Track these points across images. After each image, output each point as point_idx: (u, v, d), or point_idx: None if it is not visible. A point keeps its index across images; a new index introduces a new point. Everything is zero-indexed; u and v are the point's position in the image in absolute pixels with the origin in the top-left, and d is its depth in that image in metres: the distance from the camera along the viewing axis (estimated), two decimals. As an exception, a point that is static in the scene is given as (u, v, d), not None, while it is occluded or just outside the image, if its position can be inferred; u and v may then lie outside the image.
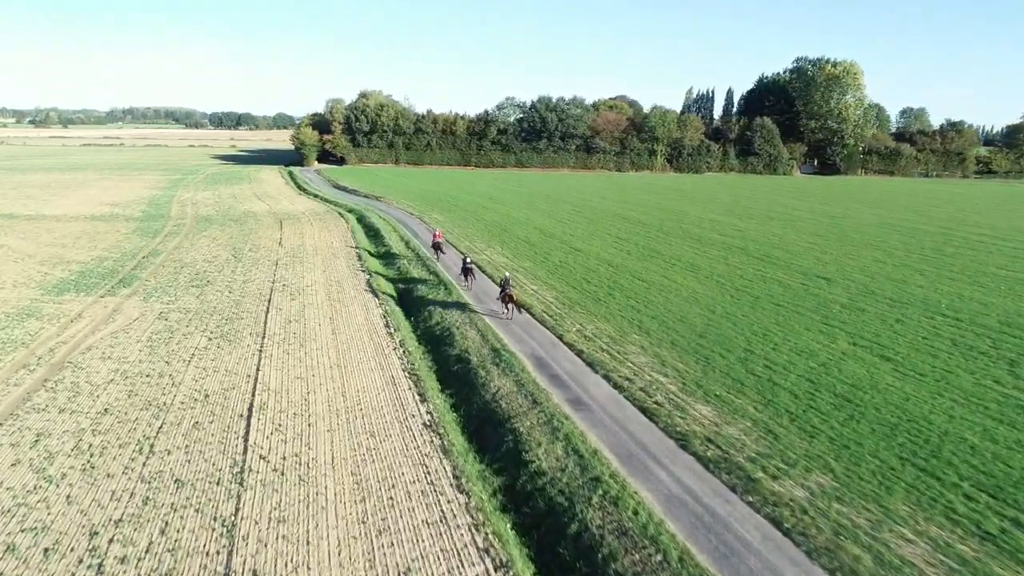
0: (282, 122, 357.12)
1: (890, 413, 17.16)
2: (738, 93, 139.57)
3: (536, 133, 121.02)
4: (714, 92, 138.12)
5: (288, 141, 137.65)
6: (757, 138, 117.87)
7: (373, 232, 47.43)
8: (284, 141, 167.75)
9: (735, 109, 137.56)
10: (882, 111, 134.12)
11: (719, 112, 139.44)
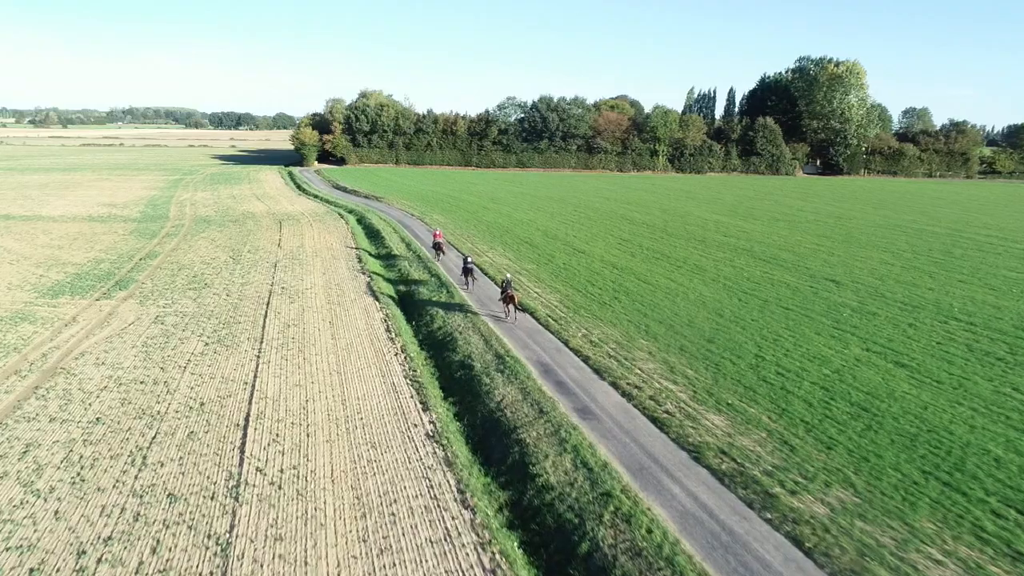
0: (282, 122, 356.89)
1: (909, 423, 16.58)
2: (740, 93, 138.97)
3: (537, 133, 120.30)
4: (716, 92, 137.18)
5: (288, 141, 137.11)
6: (759, 138, 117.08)
7: (373, 233, 46.87)
8: (284, 141, 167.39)
9: (737, 109, 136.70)
10: (884, 111, 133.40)
11: (720, 112, 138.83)
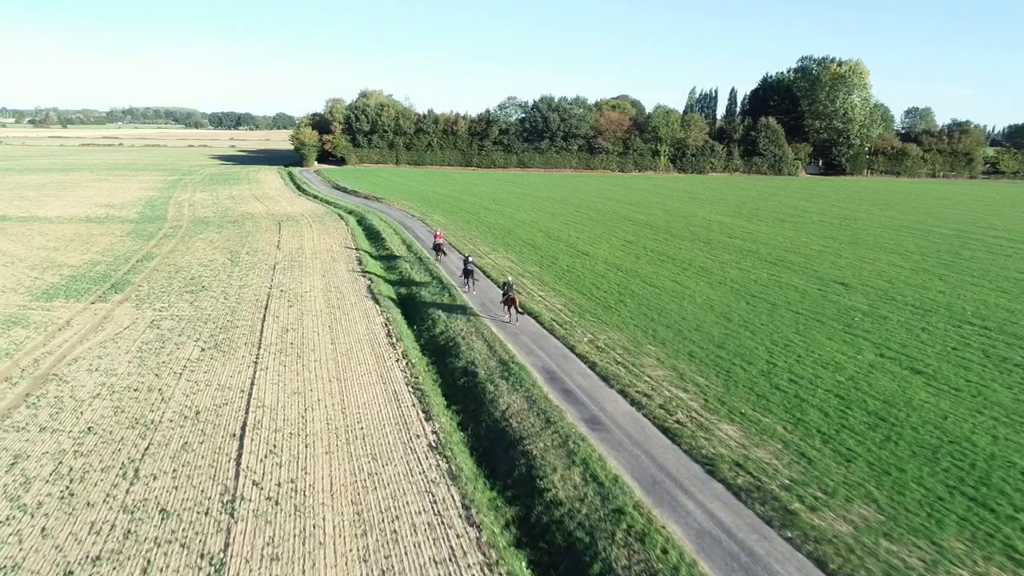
0: (282, 122, 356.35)
1: (929, 433, 16.00)
2: (741, 93, 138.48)
3: (538, 133, 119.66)
4: (717, 92, 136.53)
5: (288, 141, 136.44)
6: (762, 138, 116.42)
7: (373, 234, 46.29)
8: (284, 141, 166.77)
9: (738, 109, 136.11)
10: (886, 111, 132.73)
11: (722, 112, 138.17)
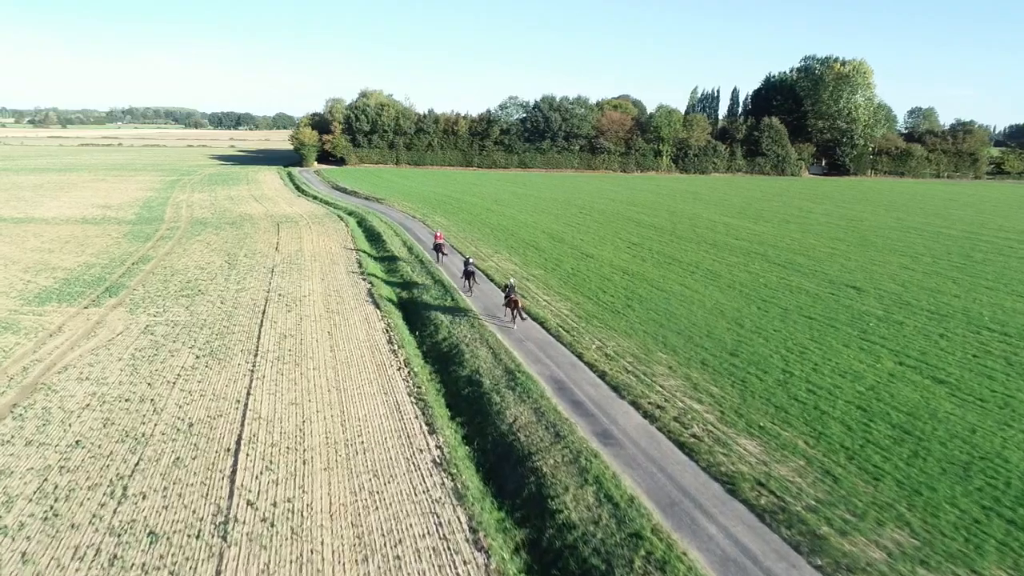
0: (282, 122, 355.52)
1: (958, 448, 15.24)
2: (743, 93, 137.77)
3: (539, 133, 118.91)
4: (719, 92, 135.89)
5: (287, 141, 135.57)
6: (765, 138, 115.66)
7: (374, 236, 45.52)
8: (283, 141, 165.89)
9: (741, 109, 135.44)
10: (889, 111, 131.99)
11: (724, 112, 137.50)
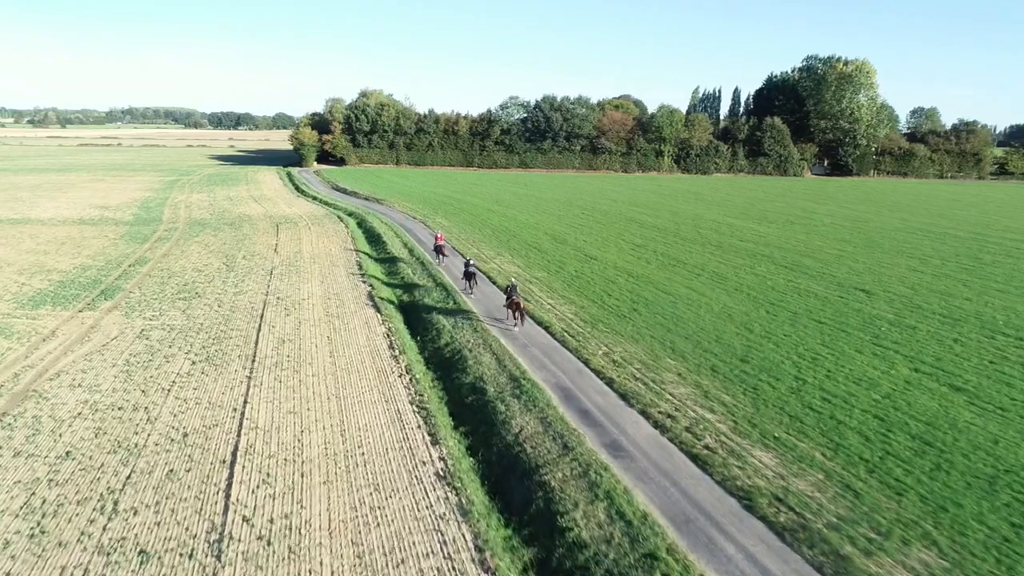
0: (282, 122, 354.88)
1: (981, 461, 14.67)
2: (744, 93, 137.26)
3: (540, 133, 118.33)
4: (721, 92, 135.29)
5: (287, 141, 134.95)
6: (767, 139, 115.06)
7: (374, 238, 44.95)
8: (283, 141, 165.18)
9: (742, 109, 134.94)
10: (891, 111, 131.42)
11: (725, 112, 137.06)
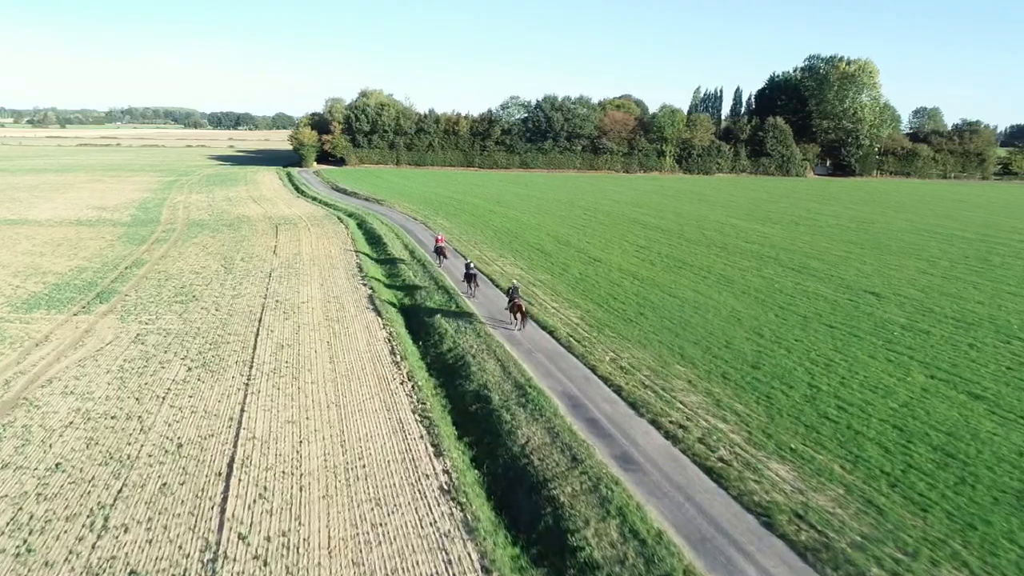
0: (281, 122, 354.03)
1: (1007, 474, 14.10)
2: (746, 93, 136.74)
3: (541, 133, 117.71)
4: (722, 92, 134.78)
5: (287, 141, 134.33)
6: (769, 139, 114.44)
7: (374, 239, 44.39)
8: (283, 141, 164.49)
9: (744, 109, 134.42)
10: (894, 111, 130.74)
11: (727, 112, 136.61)
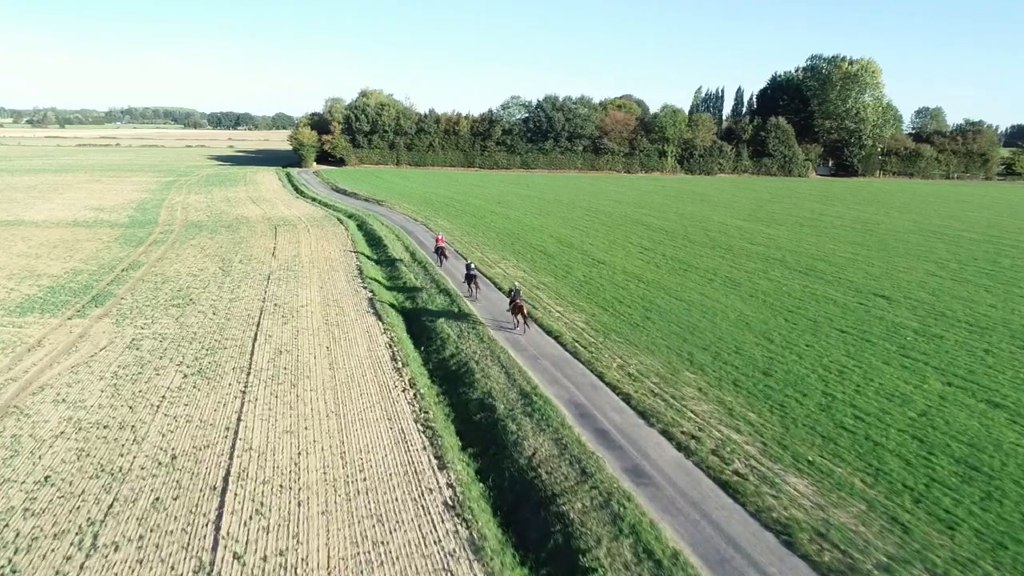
0: (281, 122, 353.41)
1: (1034, 488, 13.55)
2: (747, 93, 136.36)
3: (542, 133, 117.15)
4: (723, 92, 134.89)
5: (287, 141, 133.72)
6: (771, 139, 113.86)
7: (375, 241, 43.82)
8: (283, 141, 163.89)
9: (745, 109, 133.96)
10: (896, 111, 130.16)
11: (728, 112, 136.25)
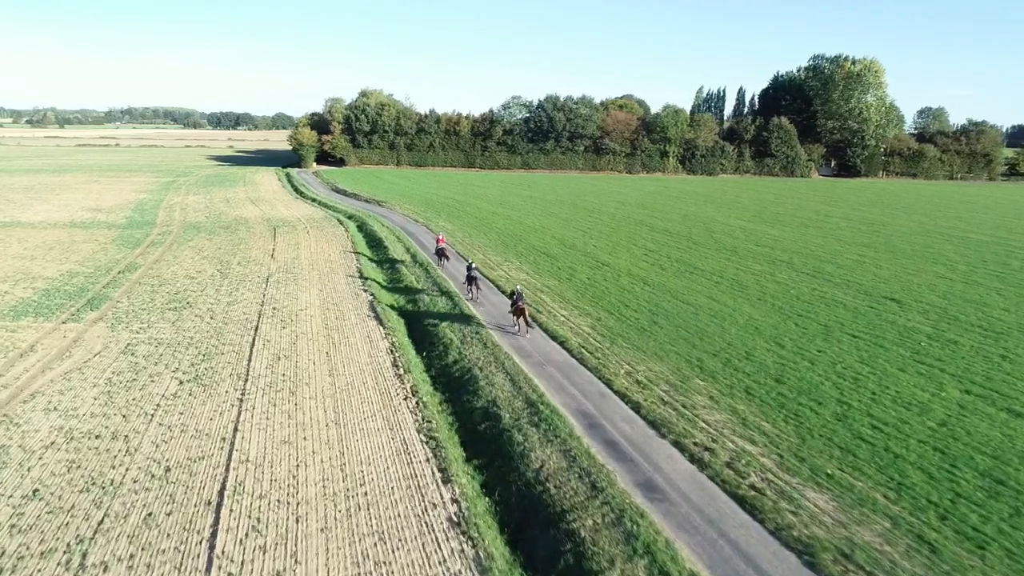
0: (281, 122, 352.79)
1: (1065, 504, 12.98)
2: (749, 93, 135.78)
3: (543, 133, 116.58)
4: (725, 91, 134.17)
5: (286, 142, 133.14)
6: (774, 139, 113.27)
7: (375, 242, 43.26)
8: (282, 142, 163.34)
9: (747, 109, 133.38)
10: (899, 111, 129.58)
11: (729, 112, 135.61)
